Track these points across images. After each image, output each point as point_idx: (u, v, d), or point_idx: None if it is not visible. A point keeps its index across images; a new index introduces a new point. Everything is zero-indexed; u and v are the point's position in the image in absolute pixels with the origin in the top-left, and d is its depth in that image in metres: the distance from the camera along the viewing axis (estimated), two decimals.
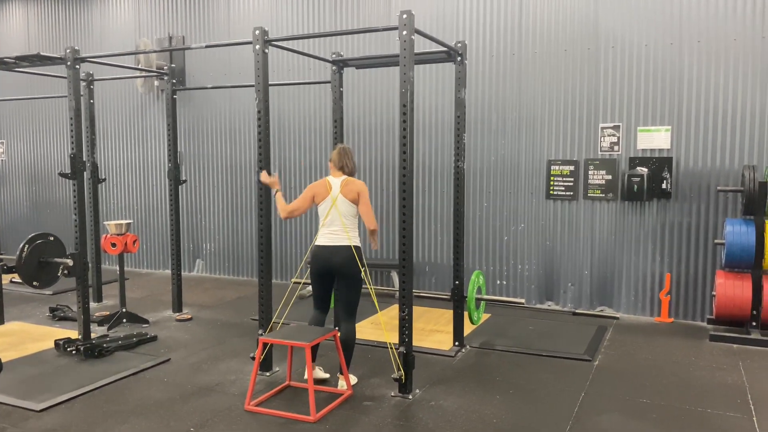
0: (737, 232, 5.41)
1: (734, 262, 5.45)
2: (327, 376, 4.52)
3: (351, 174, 4.39)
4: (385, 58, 5.66)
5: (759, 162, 5.73)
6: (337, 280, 4.35)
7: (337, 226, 4.27)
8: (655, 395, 4.24)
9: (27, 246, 5.19)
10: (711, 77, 5.88)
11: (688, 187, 6.02)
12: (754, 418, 3.87)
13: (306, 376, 4.14)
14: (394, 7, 7.10)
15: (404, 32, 4.06)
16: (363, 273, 4.27)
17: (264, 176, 4.51)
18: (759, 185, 5.28)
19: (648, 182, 6.07)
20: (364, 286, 4.35)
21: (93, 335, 5.32)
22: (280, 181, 6.55)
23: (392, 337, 4.50)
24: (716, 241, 5.76)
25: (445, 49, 4.91)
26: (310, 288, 5.02)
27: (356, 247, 4.28)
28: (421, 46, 4.74)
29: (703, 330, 5.79)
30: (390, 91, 7.19)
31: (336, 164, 4.38)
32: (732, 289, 5.46)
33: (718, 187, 5.73)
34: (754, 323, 5.40)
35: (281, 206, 4.39)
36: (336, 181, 4.34)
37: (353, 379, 4.45)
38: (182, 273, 6.68)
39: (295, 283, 6.26)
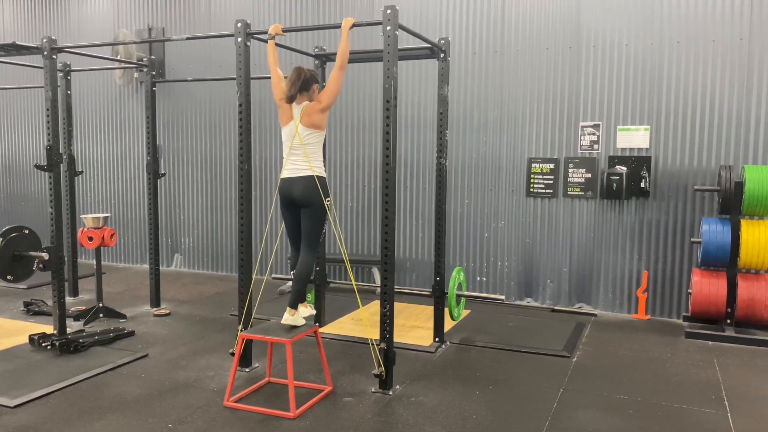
0: (713, 230, 5.49)
1: (710, 261, 5.54)
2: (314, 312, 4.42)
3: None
4: (368, 53, 5.63)
5: (735, 162, 5.82)
6: (301, 211, 4.28)
7: (299, 156, 4.20)
8: (632, 391, 4.29)
9: (1, 239, 5.09)
10: (690, 78, 5.96)
11: (666, 186, 6.10)
12: (728, 414, 3.95)
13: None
14: (377, 2, 7.07)
15: (388, 27, 4.05)
16: (327, 204, 4.20)
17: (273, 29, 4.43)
18: (735, 185, 5.37)
19: (627, 181, 6.14)
20: (348, 279, 4.28)
21: (69, 330, 5.25)
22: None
23: (373, 333, 4.50)
24: (693, 239, 5.85)
25: (428, 45, 4.92)
26: (290, 284, 4.99)
27: (319, 177, 4.20)
28: (405, 42, 4.73)
29: (679, 327, 5.88)
30: (373, 86, 7.17)
31: (287, 90, 4.23)
32: (708, 287, 5.54)
33: (695, 187, 5.80)
34: (728, 321, 5.49)
35: (271, 53, 4.51)
36: (297, 108, 4.24)
37: (307, 311, 4.26)
38: (160, 267, 6.61)
39: (274, 278, 6.24)
